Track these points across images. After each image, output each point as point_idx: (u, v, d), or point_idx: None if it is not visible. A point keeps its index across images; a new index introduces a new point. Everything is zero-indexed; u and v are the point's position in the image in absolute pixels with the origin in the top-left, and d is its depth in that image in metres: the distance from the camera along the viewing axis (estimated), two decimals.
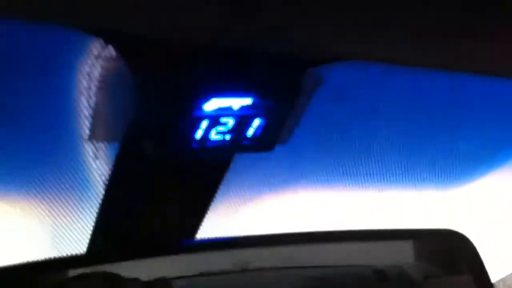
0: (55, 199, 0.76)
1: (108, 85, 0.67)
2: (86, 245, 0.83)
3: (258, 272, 1.30)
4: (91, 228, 0.82)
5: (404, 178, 1.00)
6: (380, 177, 0.97)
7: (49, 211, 0.77)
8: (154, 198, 0.80)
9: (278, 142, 0.80)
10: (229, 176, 0.84)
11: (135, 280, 0.86)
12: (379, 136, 0.90)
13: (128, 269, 0.88)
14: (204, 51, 0.65)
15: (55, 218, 0.78)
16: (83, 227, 0.81)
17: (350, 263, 1.38)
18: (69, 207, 0.78)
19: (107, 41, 0.63)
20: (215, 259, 1.19)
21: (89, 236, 0.83)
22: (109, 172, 0.75)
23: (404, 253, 1.44)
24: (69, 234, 0.81)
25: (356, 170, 0.93)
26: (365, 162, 0.93)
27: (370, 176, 0.96)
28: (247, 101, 0.71)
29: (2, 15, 0.54)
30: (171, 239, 0.88)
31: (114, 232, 0.83)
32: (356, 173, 0.94)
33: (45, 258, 0.82)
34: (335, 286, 1.31)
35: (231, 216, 0.91)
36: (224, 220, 0.91)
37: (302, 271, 1.32)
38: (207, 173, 0.81)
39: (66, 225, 0.80)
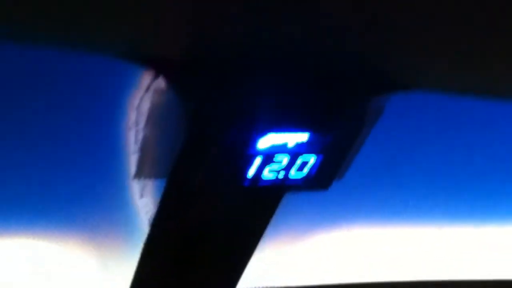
0: (99, 237, 0.73)
1: (157, 120, 0.63)
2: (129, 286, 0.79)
3: None
4: (135, 268, 0.77)
5: (465, 214, 0.94)
6: (442, 213, 0.90)
7: (93, 248, 0.74)
8: (200, 239, 0.76)
9: (334, 178, 0.74)
10: (280, 215, 0.79)
11: None
12: (441, 169, 0.84)
13: None
14: (259, 85, 0.61)
15: (100, 255, 0.75)
16: (127, 267, 0.77)
17: None
18: (113, 246, 0.74)
19: (158, 72, 0.60)
20: None
21: (133, 275, 0.78)
22: (155, 210, 0.71)
23: None
24: (114, 272, 0.78)
25: (418, 205, 0.87)
26: (427, 197, 0.87)
27: (432, 212, 0.89)
28: (303, 137, 0.66)
29: (51, 47, 0.52)
30: (217, 286, 0.83)
31: (157, 275, 0.79)
32: (417, 209, 0.88)
33: None
34: None
35: (280, 259, 0.86)
36: (272, 263, 0.86)
37: None
38: (258, 212, 0.76)
39: (110, 264, 0.76)
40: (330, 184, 0.73)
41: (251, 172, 0.66)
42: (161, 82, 0.60)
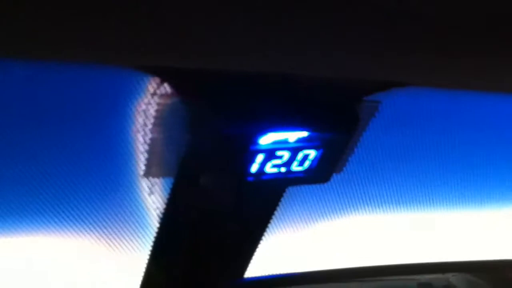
0: (110, 235, 0.75)
1: (163, 122, 0.66)
2: (140, 282, 0.83)
3: None
4: (147, 263, 0.81)
5: (463, 204, 0.97)
6: (438, 203, 0.94)
7: (105, 246, 0.76)
8: (207, 233, 0.79)
9: (334, 172, 0.78)
10: (283, 207, 0.82)
11: None
12: (437, 162, 0.87)
13: None
14: (260, 86, 0.64)
15: (109, 253, 0.78)
16: (138, 263, 0.81)
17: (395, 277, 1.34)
18: (125, 243, 0.77)
19: (163, 78, 0.63)
20: None
21: (143, 273, 0.82)
22: (164, 206, 0.74)
23: None
24: (125, 270, 0.81)
25: (412, 197, 0.91)
26: (422, 189, 0.90)
27: (428, 203, 0.93)
28: (303, 133, 0.69)
29: (60, 58, 0.55)
30: (223, 275, 0.87)
31: (167, 268, 0.82)
32: (412, 201, 0.91)
33: None
34: None
35: (284, 250, 0.89)
36: (276, 254, 0.89)
37: (347, 285, 1.29)
38: (261, 206, 0.80)
39: (122, 261, 0.79)
40: (330, 177, 0.77)
41: (254, 168, 0.70)
42: (166, 88, 0.64)
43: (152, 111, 0.65)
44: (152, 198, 0.74)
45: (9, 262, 0.73)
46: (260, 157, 0.69)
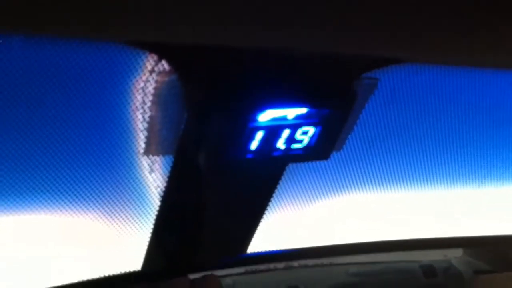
0: (112, 212, 0.76)
1: (162, 99, 0.67)
2: (142, 260, 0.83)
3: (302, 268, 1.29)
4: (147, 242, 0.82)
5: (461, 180, 0.97)
6: (438, 181, 0.94)
7: (106, 224, 0.77)
8: (208, 211, 0.80)
9: (333, 150, 0.78)
10: (283, 185, 0.83)
11: (184, 277, 0.86)
12: (437, 140, 0.87)
13: None
14: (257, 62, 0.64)
15: (111, 232, 0.78)
16: (139, 242, 0.81)
17: (396, 259, 1.35)
18: (126, 221, 0.78)
19: (160, 55, 0.63)
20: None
21: (145, 251, 0.82)
22: (165, 184, 0.75)
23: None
24: (125, 249, 0.81)
25: (413, 174, 0.91)
26: (422, 166, 0.90)
27: (428, 180, 0.93)
28: (302, 110, 0.69)
29: (56, 33, 0.55)
30: (224, 252, 0.88)
31: (169, 246, 0.83)
32: (413, 178, 0.91)
33: (100, 276, 0.82)
34: (382, 283, 1.29)
35: (285, 226, 0.90)
36: (277, 230, 0.90)
37: (347, 267, 1.30)
38: (262, 183, 0.80)
39: (123, 239, 0.80)
40: (329, 154, 0.77)
41: (253, 145, 0.70)
42: (164, 65, 0.64)
43: (150, 88, 0.65)
44: (153, 176, 0.74)
45: (6, 242, 0.73)
46: (259, 134, 0.69)
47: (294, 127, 0.70)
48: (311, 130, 0.71)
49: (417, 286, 1.32)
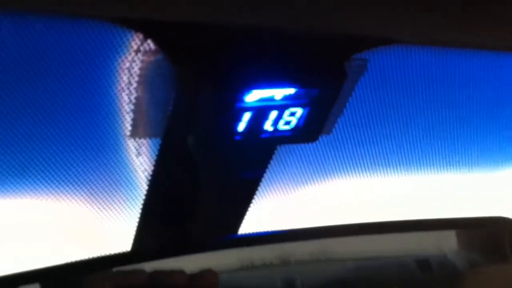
0: (98, 196, 0.75)
1: (149, 80, 0.66)
2: (131, 243, 0.83)
3: (298, 264, 1.29)
4: (136, 225, 0.81)
5: (449, 164, 0.97)
6: (426, 164, 0.94)
7: (93, 207, 0.76)
8: (197, 193, 0.79)
9: (322, 132, 0.77)
10: (271, 168, 0.82)
11: (181, 271, 0.85)
12: (427, 122, 0.87)
13: (172, 265, 0.87)
14: (244, 41, 0.63)
15: (98, 215, 0.78)
16: (127, 224, 0.81)
17: (391, 253, 1.36)
18: (113, 204, 0.77)
19: (146, 34, 0.62)
20: (257, 253, 1.19)
21: (133, 234, 0.82)
22: (152, 168, 0.74)
23: (448, 240, 1.40)
24: (113, 231, 0.81)
25: (402, 157, 0.91)
26: (411, 149, 0.90)
27: (416, 163, 0.93)
28: (290, 91, 0.69)
29: (39, 11, 0.53)
30: (214, 234, 0.87)
31: (158, 228, 0.83)
32: (401, 161, 0.91)
33: (89, 257, 0.81)
34: (378, 277, 1.29)
35: (274, 209, 0.89)
36: (267, 212, 0.89)
37: (344, 262, 1.30)
38: (250, 165, 0.79)
39: (110, 222, 0.79)
40: (318, 137, 0.76)
41: (241, 127, 0.69)
42: (150, 44, 0.63)
43: (136, 68, 0.64)
44: (140, 160, 0.74)
45: None
46: (246, 115, 0.68)
47: (281, 108, 0.69)
48: (299, 111, 0.71)
49: (413, 280, 1.32)
